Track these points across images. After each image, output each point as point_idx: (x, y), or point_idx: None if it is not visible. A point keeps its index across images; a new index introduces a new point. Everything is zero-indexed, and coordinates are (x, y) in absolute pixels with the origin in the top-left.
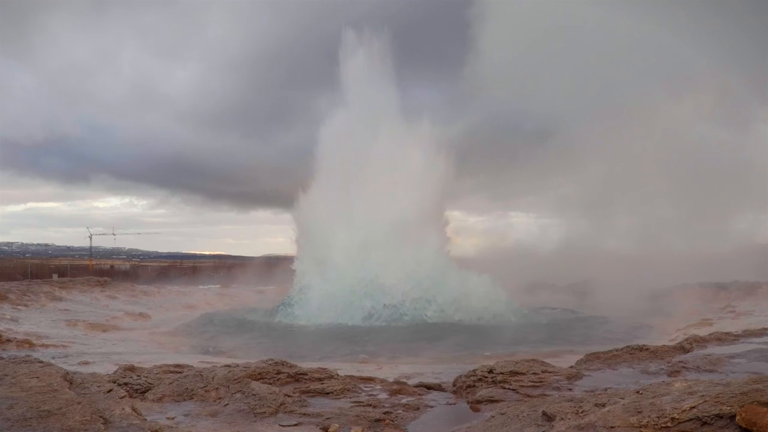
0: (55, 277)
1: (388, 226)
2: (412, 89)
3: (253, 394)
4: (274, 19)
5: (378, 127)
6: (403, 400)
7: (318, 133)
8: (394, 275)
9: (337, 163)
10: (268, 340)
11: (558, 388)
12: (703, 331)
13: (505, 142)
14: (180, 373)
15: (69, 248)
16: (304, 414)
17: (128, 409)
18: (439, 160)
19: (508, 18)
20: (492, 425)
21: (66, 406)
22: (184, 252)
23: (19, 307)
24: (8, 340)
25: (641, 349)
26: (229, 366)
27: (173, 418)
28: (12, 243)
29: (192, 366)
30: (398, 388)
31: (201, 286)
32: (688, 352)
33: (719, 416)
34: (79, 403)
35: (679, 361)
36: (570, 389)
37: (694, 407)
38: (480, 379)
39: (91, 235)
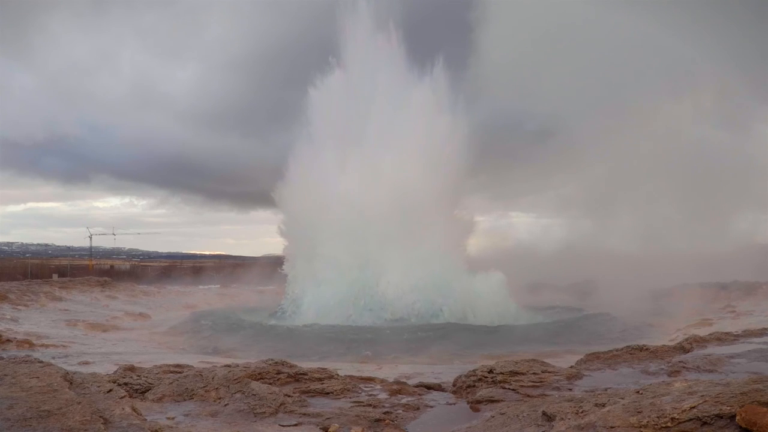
0: (55, 277)
1: (389, 206)
2: None
3: (253, 394)
4: (274, 19)
5: (378, 87)
6: (403, 400)
7: (308, 97)
8: (396, 286)
9: (330, 132)
10: (268, 339)
11: (558, 388)
12: (703, 331)
13: (505, 142)
14: (180, 373)
15: (69, 248)
16: (304, 414)
17: (128, 409)
18: (455, 123)
19: (508, 18)
20: (492, 425)
21: (66, 406)
22: (184, 252)
23: (19, 307)
24: (8, 340)
25: (641, 349)
26: (229, 366)
27: (173, 418)
28: (12, 243)
29: (192, 366)
30: (398, 388)
31: (201, 286)
32: (688, 352)
33: (719, 416)
34: (79, 403)
35: (679, 361)
36: (570, 389)
37: (694, 407)
38: (480, 379)
39: (91, 235)
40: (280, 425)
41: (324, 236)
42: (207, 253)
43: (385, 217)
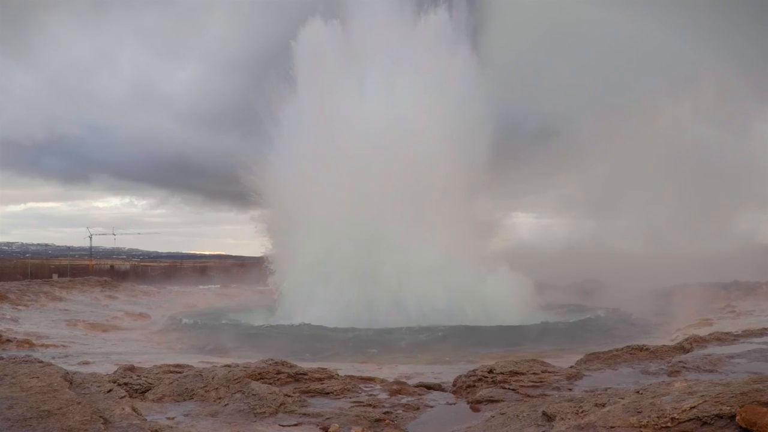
0: (55, 277)
1: (394, 199)
2: None
3: (253, 394)
4: (274, 19)
5: (378, 25)
6: (403, 400)
7: (291, 51)
8: (403, 310)
9: (317, 98)
10: (267, 339)
11: (558, 388)
12: (703, 331)
13: (506, 142)
14: (180, 373)
15: (69, 248)
16: (304, 414)
17: (128, 409)
18: (477, 62)
19: (509, 19)
20: (492, 425)
21: (66, 406)
22: (184, 252)
23: (19, 307)
24: (8, 340)
25: (641, 349)
26: (229, 366)
27: (173, 418)
28: (12, 243)
29: (192, 366)
30: (398, 388)
31: (201, 286)
32: (688, 352)
33: (719, 416)
34: (79, 403)
35: (679, 361)
36: (570, 389)
37: (694, 407)
38: (480, 379)
39: (91, 235)
40: (280, 425)
41: (316, 234)
42: (207, 253)
43: (389, 213)
